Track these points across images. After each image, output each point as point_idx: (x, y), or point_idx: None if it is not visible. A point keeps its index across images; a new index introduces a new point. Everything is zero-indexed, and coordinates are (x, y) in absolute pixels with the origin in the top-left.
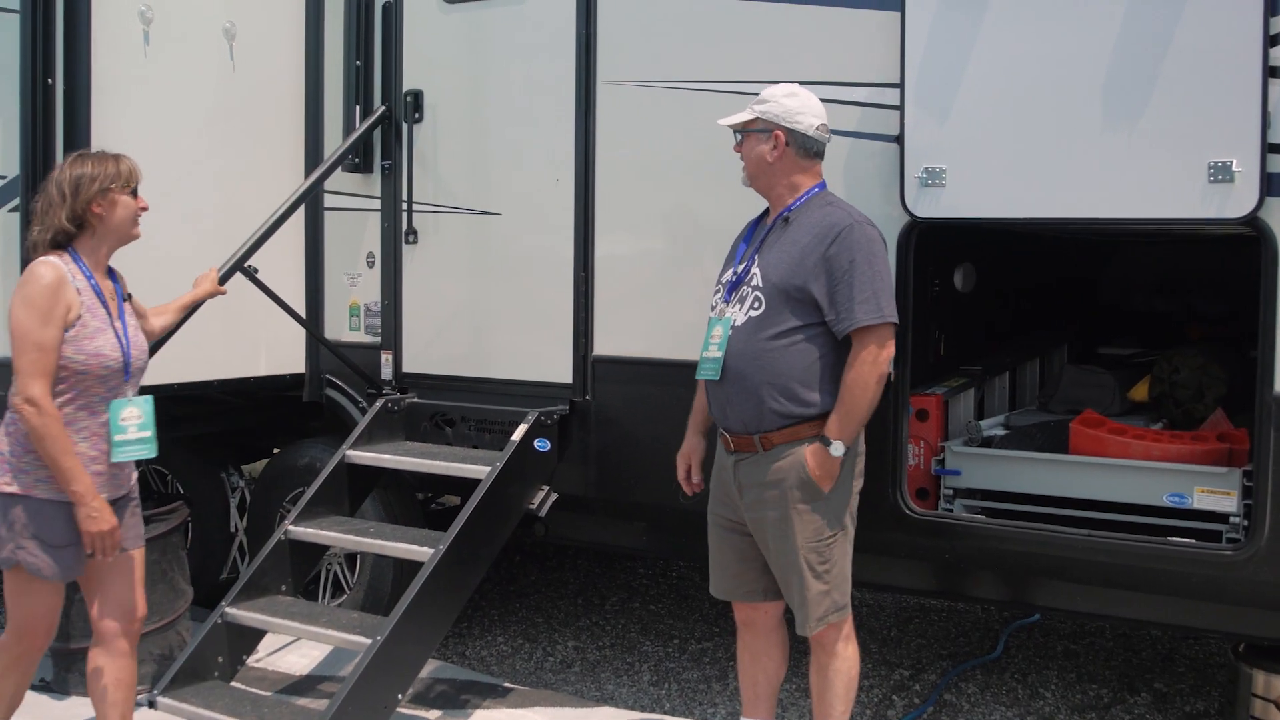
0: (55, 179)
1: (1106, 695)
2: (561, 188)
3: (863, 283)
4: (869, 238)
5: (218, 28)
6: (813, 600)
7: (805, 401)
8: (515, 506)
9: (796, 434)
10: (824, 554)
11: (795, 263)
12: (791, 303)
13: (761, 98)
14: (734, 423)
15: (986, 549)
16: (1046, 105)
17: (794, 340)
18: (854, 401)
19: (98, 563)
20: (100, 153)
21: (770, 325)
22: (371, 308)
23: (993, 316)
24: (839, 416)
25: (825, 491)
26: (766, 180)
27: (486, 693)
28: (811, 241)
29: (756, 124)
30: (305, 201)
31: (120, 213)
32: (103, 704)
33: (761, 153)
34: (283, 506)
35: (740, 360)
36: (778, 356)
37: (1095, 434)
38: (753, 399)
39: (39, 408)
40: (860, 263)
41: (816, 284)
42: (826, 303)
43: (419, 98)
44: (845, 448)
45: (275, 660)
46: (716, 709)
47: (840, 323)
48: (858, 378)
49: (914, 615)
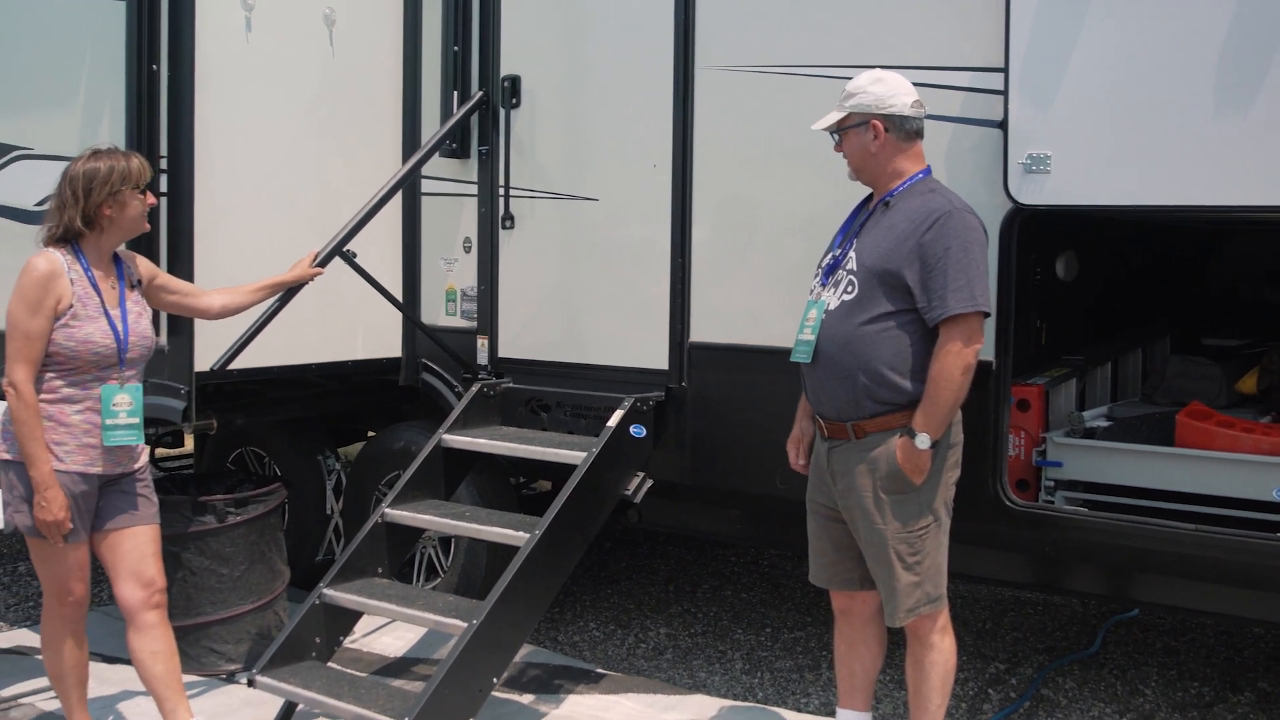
0: (69, 177)
1: (1208, 693)
2: (659, 173)
3: (957, 270)
4: (967, 225)
5: (318, 14)
6: (902, 591)
7: (897, 388)
8: (610, 492)
9: (888, 423)
10: (915, 545)
11: (891, 248)
12: (885, 288)
13: (848, 92)
14: (827, 408)
15: (1090, 542)
16: (1158, 88)
17: (886, 326)
18: (939, 393)
19: (109, 540)
20: (112, 149)
21: (863, 310)
22: (468, 292)
23: (1094, 306)
24: (924, 409)
25: (916, 484)
26: (872, 171)
27: (579, 678)
28: (908, 227)
29: (851, 119)
30: (402, 187)
31: (129, 212)
32: (148, 679)
33: (864, 145)
34: (378, 489)
35: (832, 345)
36: (869, 342)
37: (1203, 427)
38: (845, 384)
39: (18, 392)
40: (956, 250)
41: (910, 270)
42: (919, 289)
43: (516, 83)
44: (932, 441)
45: (369, 642)
46: (810, 698)
47: (932, 310)
48: (943, 369)
49: (1009, 608)
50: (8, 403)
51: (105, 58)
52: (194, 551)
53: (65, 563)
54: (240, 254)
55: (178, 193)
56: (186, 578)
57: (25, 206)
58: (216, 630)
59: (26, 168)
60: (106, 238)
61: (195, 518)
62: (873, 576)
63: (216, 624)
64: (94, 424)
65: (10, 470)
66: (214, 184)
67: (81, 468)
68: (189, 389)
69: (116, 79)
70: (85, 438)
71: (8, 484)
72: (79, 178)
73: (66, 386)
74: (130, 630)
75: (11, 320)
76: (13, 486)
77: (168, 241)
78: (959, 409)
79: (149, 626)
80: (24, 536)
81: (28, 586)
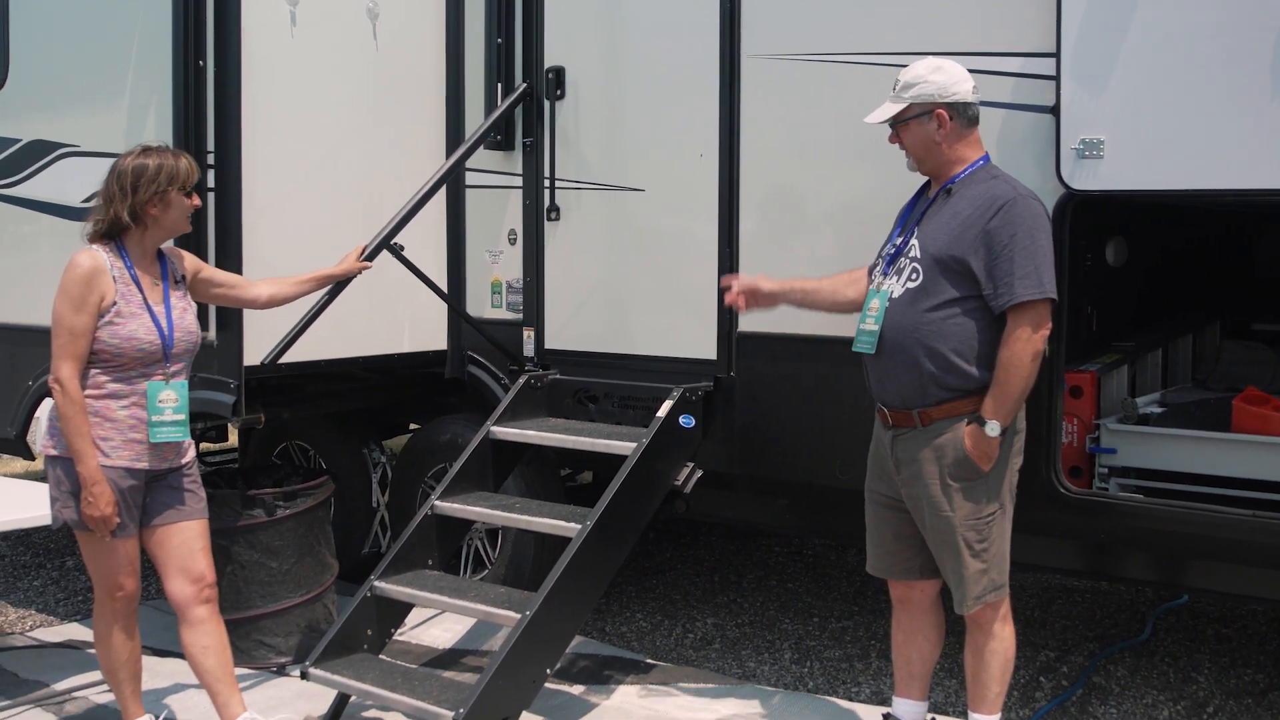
0: (116, 172)
1: (1263, 680)
2: (705, 163)
3: (1024, 257)
4: (1033, 212)
5: (361, 8)
6: (970, 579)
7: (964, 374)
8: (660, 483)
9: (955, 409)
10: (982, 532)
11: (955, 235)
12: (950, 274)
13: (907, 82)
14: (891, 396)
15: (1145, 529)
16: (1211, 70)
17: (952, 313)
18: (1009, 380)
19: (157, 536)
20: (163, 148)
21: (928, 297)
22: (513, 284)
23: (1144, 291)
24: (994, 396)
25: (984, 471)
26: (935, 160)
27: (629, 669)
28: (973, 214)
29: (912, 110)
30: (448, 180)
31: (174, 213)
32: (201, 673)
33: (928, 135)
34: (424, 482)
35: (898, 332)
36: (935, 329)
37: (1260, 412)
38: (911, 372)
39: (64, 388)
40: (1022, 237)
41: (975, 257)
42: (984, 276)
43: (560, 74)
44: (1001, 428)
45: (418, 634)
46: (860, 687)
47: (999, 297)
48: (1013, 355)
49: (1057, 596)
50: (54, 399)
51: (151, 54)
52: (243, 545)
53: (114, 558)
54: (287, 249)
55: (225, 188)
56: (236, 571)
57: (72, 204)
58: (266, 623)
59: (73, 165)
60: (150, 235)
61: (244, 511)
62: (939, 565)
63: (266, 617)
64: (140, 419)
65: (58, 466)
66: (260, 179)
67: (128, 463)
68: (238, 383)
69: (163, 76)
70: (131, 433)
71: (55, 479)
72: (127, 173)
73: (112, 382)
74: (182, 625)
75: (56, 317)
76: (60, 482)
77: (215, 236)
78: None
79: (200, 621)
80: (73, 532)
81: (77, 581)
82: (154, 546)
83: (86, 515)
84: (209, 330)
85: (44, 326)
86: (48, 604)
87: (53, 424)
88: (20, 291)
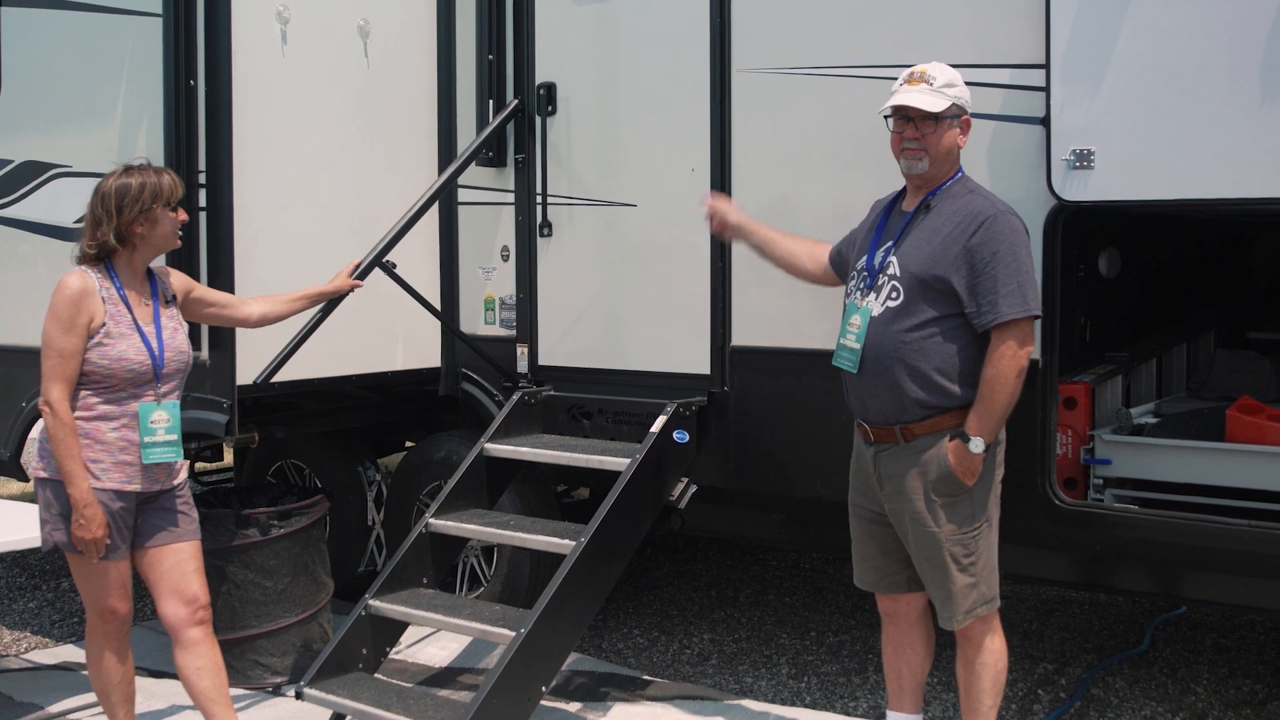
0: (100, 194)
1: (1261, 691)
2: (697, 178)
3: (1007, 275)
4: (1013, 228)
5: (352, 25)
6: (959, 593)
7: (946, 392)
8: (655, 498)
9: (938, 425)
10: (969, 546)
11: (936, 253)
12: (930, 293)
13: (948, 81)
14: (873, 414)
15: (1141, 540)
16: (1201, 79)
17: (932, 332)
18: (994, 397)
19: (150, 557)
20: (144, 165)
21: (908, 316)
22: (506, 301)
23: (1137, 301)
24: (978, 413)
25: (969, 486)
26: (942, 167)
27: (625, 685)
28: (953, 231)
29: (951, 110)
30: (440, 196)
31: (161, 229)
32: (195, 695)
33: (953, 139)
34: (419, 499)
35: (879, 351)
36: (917, 348)
37: (1254, 421)
38: (894, 391)
39: (54, 410)
40: (1004, 254)
41: (957, 275)
42: (967, 295)
43: (552, 90)
44: (985, 445)
45: (414, 653)
46: (858, 702)
47: (982, 315)
48: (998, 373)
49: (1054, 607)
50: (44, 421)
51: (142, 74)
52: (238, 565)
53: (106, 580)
54: (279, 267)
55: (217, 207)
56: (231, 591)
57: (65, 224)
58: (261, 643)
59: (65, 185)
60: (139, 255)
61: (239, 531)
62: (924, 580)
63: (261, 637)
64: (130, 441)
65: (47, 488)
66: (252, 198)
67: (118, 485)
68: (231, 403)
69: (154, 95)
70: (121, 455)
71: (45, 502)
72: (110, 195)
73: (102, 404)
74: (176, 647)
75: (46, 339)
76: (50, 504)
77: (207, 255)
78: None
79: (194, 643)
80: (64, 554)
81: (72, 603)
82: (146, 569)
83: (77, 538)
84: (201, 349)
85: (38, 347)
86: (43, 626)
87: (43, 446)
88: (14, 312)
